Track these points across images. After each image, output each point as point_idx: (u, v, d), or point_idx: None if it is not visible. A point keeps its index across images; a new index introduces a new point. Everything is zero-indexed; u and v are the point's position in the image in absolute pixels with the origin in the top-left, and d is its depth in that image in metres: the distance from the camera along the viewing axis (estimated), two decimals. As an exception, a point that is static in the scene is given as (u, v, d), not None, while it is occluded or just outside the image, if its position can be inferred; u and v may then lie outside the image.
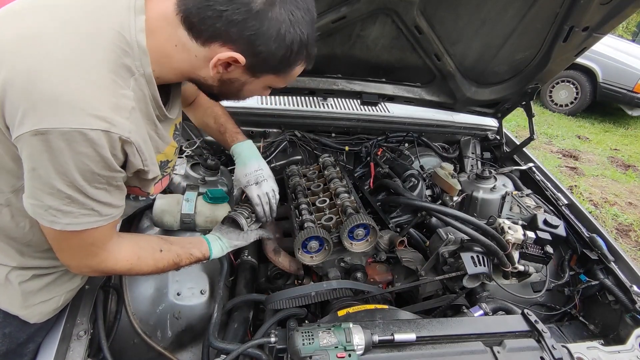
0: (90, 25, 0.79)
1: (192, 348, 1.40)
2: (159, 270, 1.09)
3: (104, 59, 0.77)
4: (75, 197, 0.79)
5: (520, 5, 1.50)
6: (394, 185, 1.83)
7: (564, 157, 5.56)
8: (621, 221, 4.13)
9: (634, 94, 6.38)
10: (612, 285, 1.57)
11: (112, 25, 0.79)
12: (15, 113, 0.73)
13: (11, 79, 0.73)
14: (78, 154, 0.75)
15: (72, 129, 0.72)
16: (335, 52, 1.72)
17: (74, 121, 0.72)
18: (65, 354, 1.06)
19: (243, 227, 1.35)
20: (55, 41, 0.75)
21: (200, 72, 0.90)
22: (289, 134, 2.12)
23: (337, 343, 1.01)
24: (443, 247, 1.52)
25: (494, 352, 1.10)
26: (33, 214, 0.81)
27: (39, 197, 0.79)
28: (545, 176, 2.11)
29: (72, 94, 0.73)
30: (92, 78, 0.76)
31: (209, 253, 1.23)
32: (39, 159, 0.74)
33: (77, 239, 0.87)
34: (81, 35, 0.77)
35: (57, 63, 0.74)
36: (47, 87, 0.72)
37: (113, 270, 1.00)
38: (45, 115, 0.72)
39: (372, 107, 2.35)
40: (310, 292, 1.34)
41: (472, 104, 2.10)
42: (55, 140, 0.72)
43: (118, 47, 0.79)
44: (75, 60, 0.75)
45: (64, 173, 0.76)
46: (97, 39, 0.78)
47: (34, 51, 0.74)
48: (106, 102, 0.76)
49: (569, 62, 1.75)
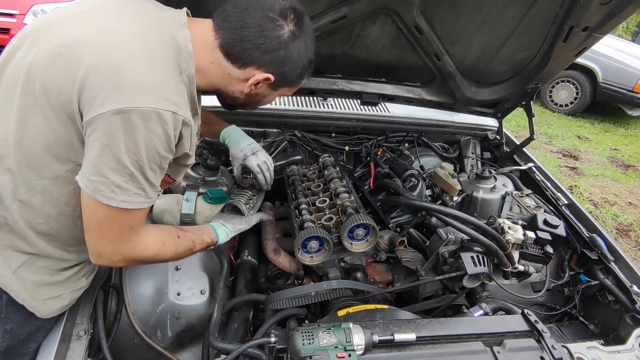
0: (152, 28, 0.96)
1: (192, 348, 1.40)
2: (178, 256, 1.14)
3: (167, 57, 0.95)
4: (135, 174, 0.89)
5: (520, 5, 1.50)
6: (394, 185, 1.83)
7: (564, 157, 5.56)
8: (621, 221, 4.13)
9: (634, 94, 6.38)
10: (612, 285, 1.57)
11: (167, 31, 0.97)
12: (96, 95, 0.84)
13: (95, 66, 0.85)
14: (150, 132, 0.87)
15: (150, 108, 0.85)
16: (335, 52, 1.72)
17: (152, 102, 0.86)
18: (65, 353, 1.06)
19: (244, 212, 1.40)
20: (131, 38, 0.91)
21: (231, 87, 1.10)
22: (289, 134, 2.12)
23: (337, 343, 1.01)
24: (443, 247, 1.52)
25: (494, 352, 1.10)
26: (93, 191, 0.88)
27: (104, 173, 0.87)
28: (545, 176, 2.11)
29: (150, 80, 0.88)
30: (163, 70, 0.92)
31: (216, 238, 1.28)
32: (115, 136, 0.85)
33: (122, 220, 0.94)
34: (148, 36, 0.94)
35: (136, 56, 0.89)
36: (130, 74, 0.86)
37: (141, 257, 1.04)
38: (129, 97, 0.84)
39: (372, 107, 2.35)
40: (310, 292, 1.34)
41: (472, 104, 2.10)
42: (134, 118, 0.84)
43: (173, 49, 0.96)
44: (149, 55, 0.91)
45: (133, 149, 0.87)
46: (161, 40, 0.95)
47: (116, 45, 0.89)
48: (173, 90, 0.92)
49: (569, 62, 1.75)
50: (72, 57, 0.87)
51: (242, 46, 1.00)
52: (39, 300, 1.04)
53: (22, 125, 0.91)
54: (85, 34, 0.90)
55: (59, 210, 0.99)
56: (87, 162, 0.88)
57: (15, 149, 0.92)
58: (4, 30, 4.16)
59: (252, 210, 1.46)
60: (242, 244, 1.72)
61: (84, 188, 0.88)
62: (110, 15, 0.96)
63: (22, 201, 0.96)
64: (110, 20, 0.94)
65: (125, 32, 0.92)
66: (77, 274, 1.13)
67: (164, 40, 0.95)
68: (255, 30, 0.98)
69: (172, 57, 0.95)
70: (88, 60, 0.85)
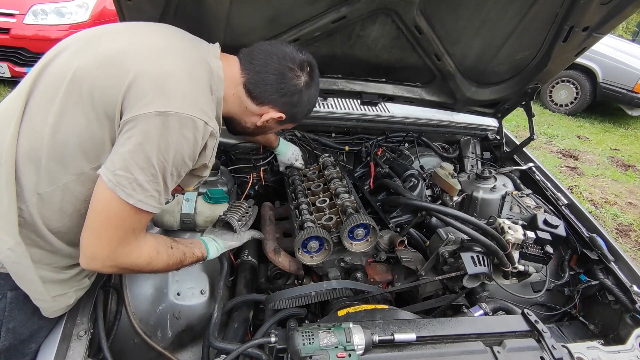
0: (191, 51, 1.09)
1: (192, 348, 1.40)
2: (169, 268, 1.14)
3: (204, 77, 1.07)
4: (158, 176, 0.95)
5: (520, 5, 1.50)
6: (394, 185, 1.83)
7: (564, 157, 5.56)
8: (621, 221, 4.13)
9: (634, 94, 6.37)
10: (612, 285, 1.57)
11: (204, 57, 1.11)
12: (142, 97, 0.92)
13: (146, 71, 0.95)
14: (182, 137, 0.95)
15: (189, 115, 0.95)
16: (335, 52, 1.72)
17: (191, 110, 0.96)
18: (65, 353, 1.06)
19: (236, 230, 1.38)
20: (176, 56, 1.03)
21: (245, 118, 1.25)
22: (289, 134, 2.12)
23: (337, 343, 1.01)
24: (443, 247, 1.52)
25: (494, 352, 1.10)
26: (115, 185, 0.91)
27: (131, 170, 0.91)
28: (545, 176, 2.11)
29: (191, 91, 0.99)
30: (200, 86, 1.04)
31: (206, 253, 1.28)
32: (151, 135, 0.91)
33: (130, 220, 0.97)
34: (189, 57, 1.06)
35: (181, 70, 1.00)
36: (176, 83, 0.97)
37: (134, 264, 1.04)
38: (173, 102, 0.94)
39: (372, 107, 2.35)
40: (310, 292, 1.34)
41: (472, 104, 2.10)
42: (173, 122, 0.93)
43: (208, 72, 1.09)
44: (191, 72, 1.02)
45: (164, 151, 0.93)
46: (198, 62, 1.07)
47: (165, 56, 1.01)
48: (207, 104, 1.04)
49: (569, 62, 1.75)
50: (122, 63, 0.96)
51: (263, 88, 1.16)
52: (50, 297, 1.05)
53: (60, 119, 0.95)
54: (134, 46, 1.01)
55: (74, 207, 1.01)
56: (115, 157, 0.93)
57: (49, 141, 0.95)
58: (4, 30, 4.14)
59: (245, 227, 1.45)
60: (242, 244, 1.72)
61: (107, 181, 0.91)
62: (156, 34, 1.09)
63: (42, 195, 0.97)
64: (156, 38, 1.06)
65: (170, 50, 1.04)
66: (80, 273, 1.13)
67: (201, 63, 1.08)
68: (277, 77, 1.15)
69: (207, 78, 1.08)
70: (137, 67, 0.95)
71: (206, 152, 1.06)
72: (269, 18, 1.49)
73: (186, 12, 1.39)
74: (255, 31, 1.54)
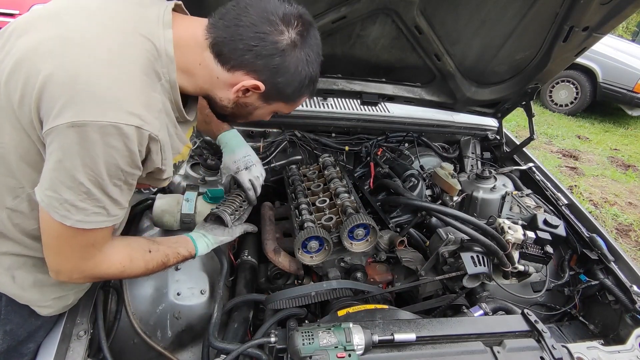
0: (126, 31, 0.87)
1: (192, 348, 1.40)
2: (149, 272, 1.09)
3: (138, 63, 0.86)
4: (93, 192, 0.83)
5: (520, 5, 1.50)
6: (394, 185, 1.83)
7: (564, 157, 5.56)
8: (621, 221, 4.13)
9: (634, 94, 6.37)
10: (612, 285, 1.57)
11: (144, 33, 0.88)
12: (53, 105, 0.78)
13: (54, 73, 0.78)
14: (109, 147, 0.80)
15: (109, 122, 0.78)
16: (335, 52, 1.72)
17: (111, 116, 0.79)
18: (65, 353, 1.06)
19: (228, 224, 1.35)
20: (96, 44, 0.83)
21: (218, 92, 1.00)
22: (289, 134, 2.12)
23: (337, 343, 1.01)
24: (443, 247, 1.52)
25: (494, 352, 1.10)
26: (47, 206, 0.83)
27: (57, 190, 0.81)
28: (545, 176, 2.11)
29: (111, 91, 0.80)
30: (128, 78, 0.83)
31: (194, 250, 1.23)
32: (69, 151, 0.78)
33: (80, 238, 0.89)
34: (118, 39, 0.85)
35: (99, 63, 0.81)
36: (89, 84, 0.79)
37: (105, 275, 1.00)
38: (85, 109, 0.78)
39: (372, 107, 2.35)
40: (310, 292, 1.34)
41: (472, 104, 2.10)
42: (91, 133, 0.78)
43: (149, 53, 0.88)
44: (115, 62, 0.83)
45: (91, 166, 0.80)
46: (132, 45, 0.86)
47: (78, 51, 0.81)
48: (140, 101, 0.84)
49: (569, 62, 1.75)
50: (32, 64, 0.81)
51: (233, 45, 0.90)
52: (46, 300, 1.04)
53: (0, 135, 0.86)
54: (50, 37, 0.83)
55: None
56: (43, 175, 0.83)
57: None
58: (4, 30, 4.17)
59: (239, 221, 1.40)
60: (242, 244, 1.72)
61: (40, 201, 0.83)
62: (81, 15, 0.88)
63: (11, 209, 0.93)
64: (78, 21, 0.86)
65: (91, 37, 0.84)
66: None
67: (137, 44, 0.87)
68: (250, 30, 0.89)
69: (146, 62, 0.87)
70: (47, 67, 0.79)
71: (152, 157, 0.90)
72: (269, 18, 1.48)
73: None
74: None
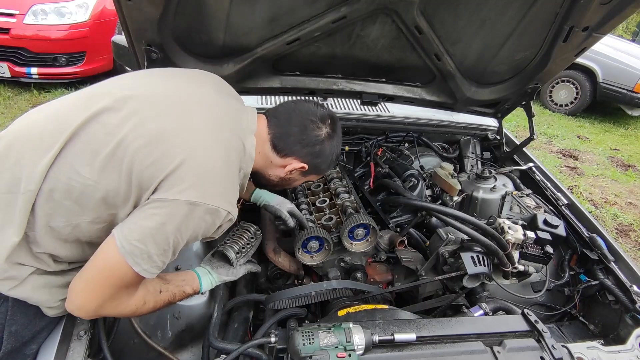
0: (231, 130, 1.13)
1: (192, 348, 1.40)
2: (155, 310, 1.15)
3: (235, 163, 1.12)
4: (169, 251, 0.99)
5: (520, 5, 1.50)
6: (394, 185, 1.83)
7: (564, 157, 5.55)
8: (621, 221, 4.13)
9: (634, 94, 6.37)
10: (612, 285, 1.57)
11: (239, 135, 1.15)
12: (180, 182, 0.97)
13: (190, 162, 0.98)
14: (203, 221, 1.00)
15: (215, 206, 1.00)
16: (335, 52, 1.72)
17: (219, 202, 1.01)
18: (66, 354, 1.06)
19: (232, 263, 1.36)
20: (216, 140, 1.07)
21: (270, 171, 1.29)
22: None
23: (337, 343, 1.01)
24: (443, 247, 1.52)
25: (494, 352, 1.10)
26: (127, 253, 0.94)
27: (146, 243, 0.95)
28: (545, 176, 2.11)
29: (222, 184, 1.05)
30: (232, 176, 1.10)
31: (199, 288, 1.28)
32: (176, 219, 0.96)
33: (130, 280, 0.99)
34: (227, 137, 1.10)
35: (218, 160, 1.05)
36: (215, 178, 1.03)
37: (117, 314, 1.08)
38: (206, 194, 0.99)
39: (372, 107, 2.35)
40: (310, 292, 1.34)
41: (472, 104, 2.10)
42: (199, 211, 0.98)
43: (240, 153, 1.14)
44: (226, 160, 1.07)
45: (182, 232, 0.98)
46: (233, 147, 1.12)
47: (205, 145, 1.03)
48: (234, 193, 1.10)
49: (569, 62, 1.75)
50: (168, 147, 0.99)
51: (287, 140, 1.22)
52: (55, 301, 1.06)
53: (99, 176, 0.97)
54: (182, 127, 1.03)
55: (77, 239, 1.04)
56: (135, 227, 0.95)
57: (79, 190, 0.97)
58: (4, 30, 4.14)
59: (244, 258, 1.42)
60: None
61: (120, 247, 0.94)
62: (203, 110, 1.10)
63: (53, 228, 0.99)
64: (203, 118, 1.08)
65: (214, 136, 1.07)
66: None
67: (237, 146, 1.13)
68: (299, 129, 1.22)
69: (238, 161, 1.13)
70: (183, 156, 0.98)
71: (218, 230, 1.11)
72: (269, 18, 1.49)
73: (186, 12, 1.39)
74: (255, 31, 1.54)
